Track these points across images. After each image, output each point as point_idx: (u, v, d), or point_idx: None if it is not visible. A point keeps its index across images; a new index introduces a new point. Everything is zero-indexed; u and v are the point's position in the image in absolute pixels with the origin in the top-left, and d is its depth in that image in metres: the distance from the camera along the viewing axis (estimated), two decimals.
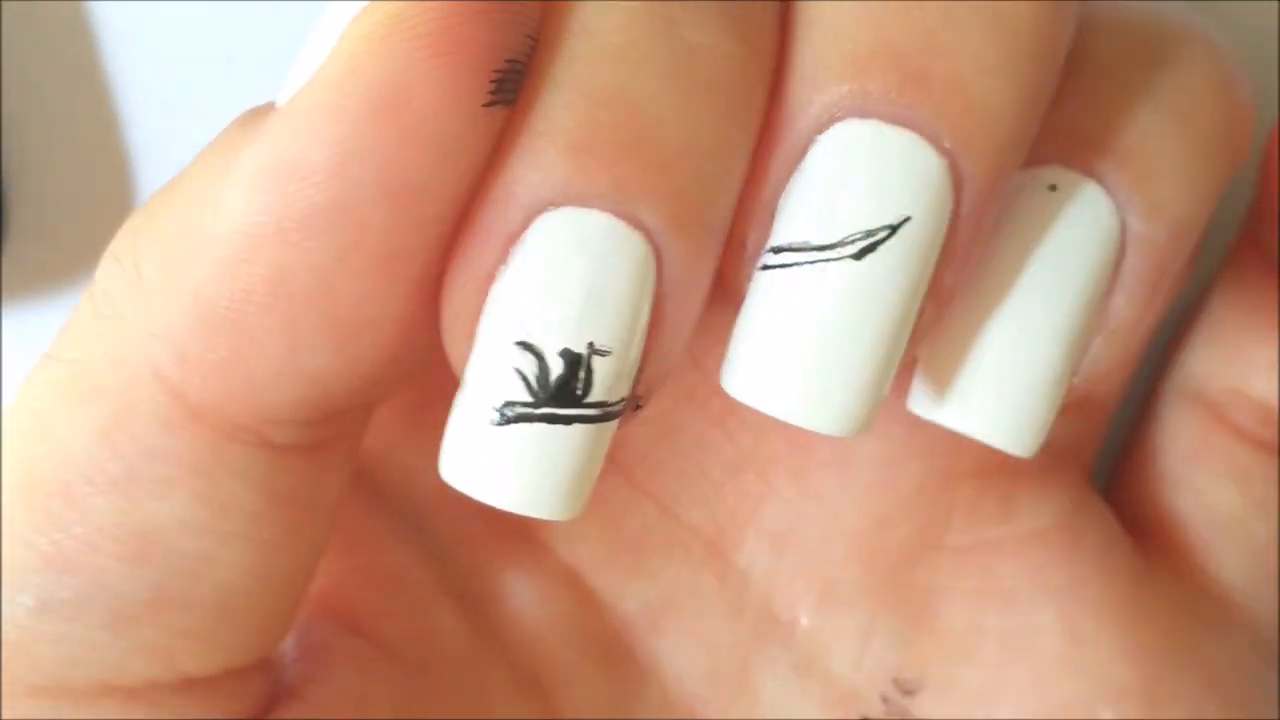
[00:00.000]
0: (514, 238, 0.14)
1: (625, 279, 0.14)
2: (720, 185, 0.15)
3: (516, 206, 0.14)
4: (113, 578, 0.16)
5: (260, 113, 0.15)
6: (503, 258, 0.14)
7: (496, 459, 0.15)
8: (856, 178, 0.14)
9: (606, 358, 0.14)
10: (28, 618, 0.15)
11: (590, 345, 0.14)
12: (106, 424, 0.15)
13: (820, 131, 0.15)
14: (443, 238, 0.15)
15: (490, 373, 0.15)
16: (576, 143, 0.14)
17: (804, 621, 0.20)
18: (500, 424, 0.15)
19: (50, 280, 0.27)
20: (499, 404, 0.14)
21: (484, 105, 0.14)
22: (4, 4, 0.26)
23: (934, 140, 0.14)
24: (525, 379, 0.14)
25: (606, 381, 0.15)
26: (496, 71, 0.14)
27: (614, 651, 0.20)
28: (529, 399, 0.14)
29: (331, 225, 0.14)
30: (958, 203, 0.15)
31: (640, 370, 0.15)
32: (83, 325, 0.16)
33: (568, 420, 0.15)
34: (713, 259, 0.15)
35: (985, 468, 0.20)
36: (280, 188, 0.14)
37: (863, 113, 0.14)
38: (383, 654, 0.19)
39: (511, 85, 0.14)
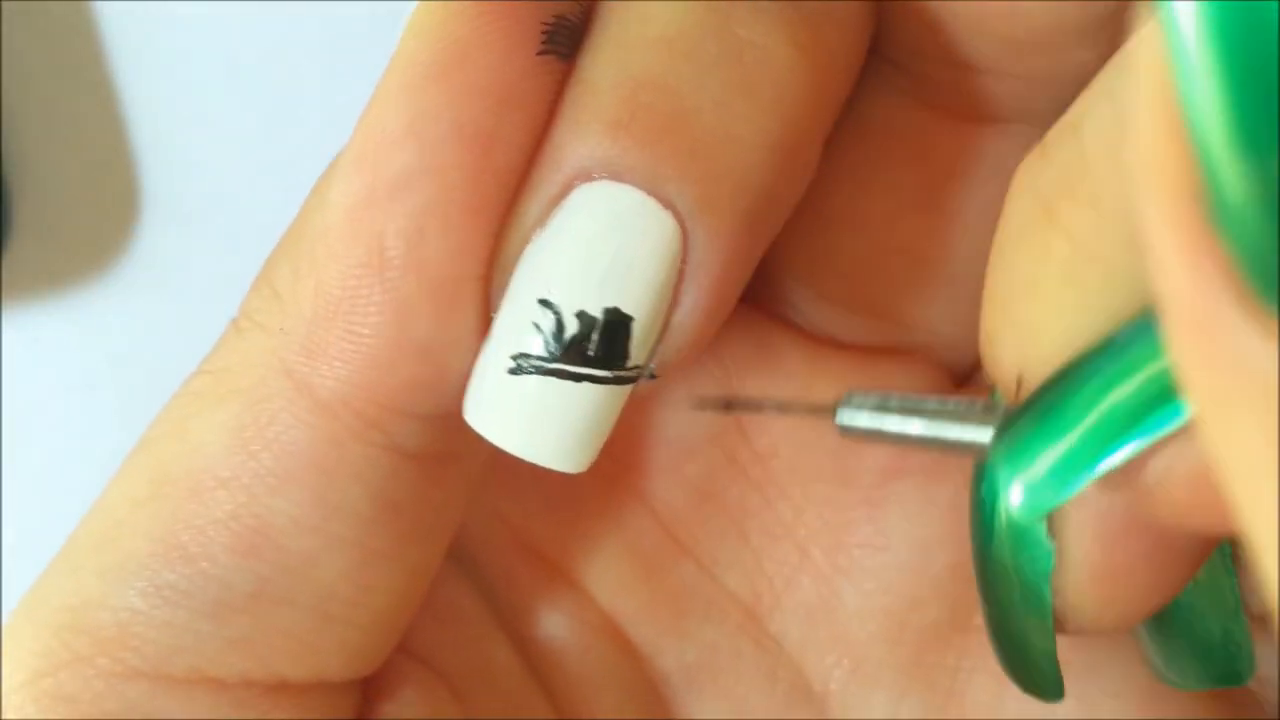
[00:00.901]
0: (554, 201, 0.15)
1: (649, 252, 0.15)
2: (754, 176, 0.15)
3: (558, 172, 0.15)
4: (221, 568, 0.16)
5: None
6: (542, 220, 0.15)
7: (509, 406, 0.16)
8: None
9: (621, 324, 0.15)
10: (140, 601, 0.16)
11: (606, 310, 0.15)
12: (238, 420, 0.16)
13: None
14: (518, 191, 0.15)
15: (512, 324, 0.15)
16: (616, 119, 0.15)
17: (835, 694, 0.21)
18: (515, 373, 0.15)
19: (52, 280, 0.27)
20: (515, 354, 0.15)
21: (537, 54, 0.15)
22: (6, 5, 0.26)
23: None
24: (542, 333, 0.15)
25: (619, 346, 0.15)
26: (545, 25, 0.15)
27: (652, 705, 0.21)
28: (543, 353, 0.15)
29: (415, 182, 0.15)
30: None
31: (657, 342, 0.16)
32: (224, 342, 0.17)
33: (577, 378, 0.15)
34: (743, 245, 0.16)
35: None
36: (368, 162, 0.15)
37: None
38: (444, 683, 0.19)
39: (563, 39, 0.15)
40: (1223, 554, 0.17)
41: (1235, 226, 0.08)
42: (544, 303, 0.15)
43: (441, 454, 0.17)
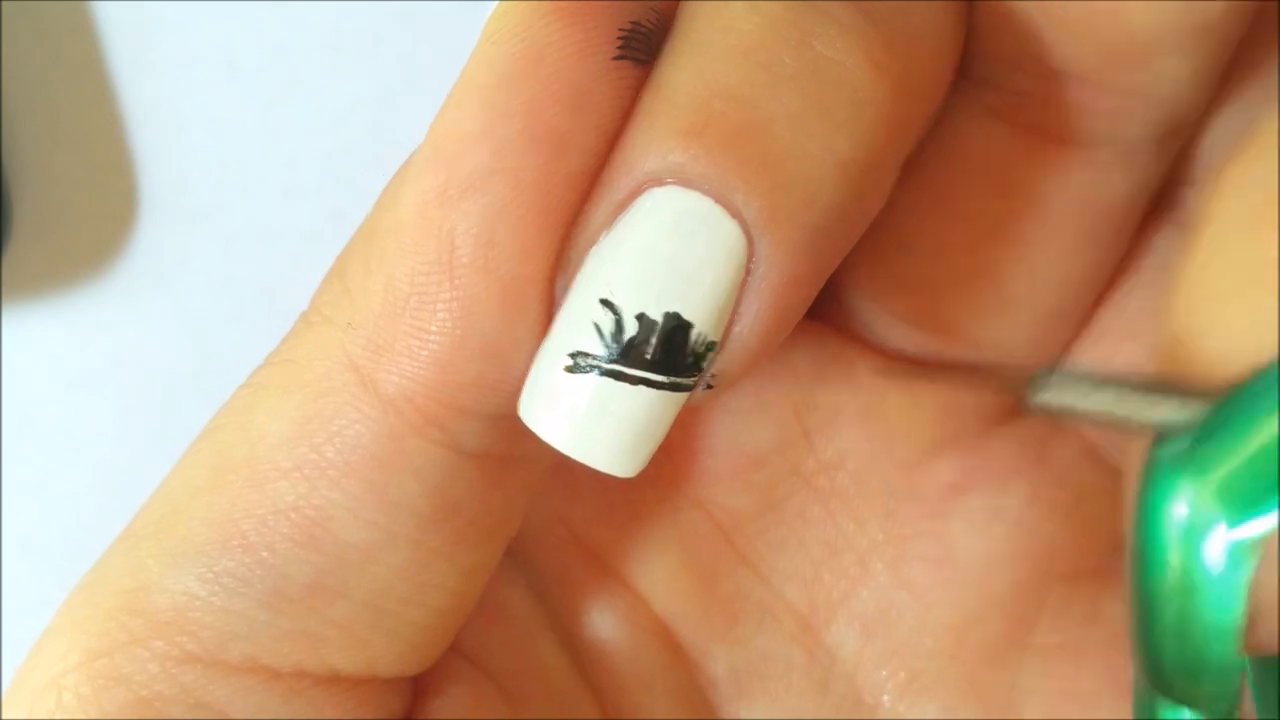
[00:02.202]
0: (622, 205, 0.15)
1: (713, 260, 0.15)
2: (822, 192, 0.15)
3: (628, 176, 0.15)
4: (279, 558, 0.16)
5: None
6: (608, 223, 0.16)
7: (562, 403, 0.16)
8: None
9: (681, 329, 0.15)
10: (198, 587, 0.16)
11: (666, 315, 0.15)
12: (302, 412, 0.16)
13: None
14: (589, 194, 0.16)
15: (572, 322, 0.16)
16: (688, 126, 0.15)
17: (887, 707, 0.21)
18: (572, 370, 0.16)
19: (52, 281, 0.27)
20: (572, 351, 0.16)
21: (612, 59, 0.15)
22: (6, 5, 0.26)
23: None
24: (600, 333, 0.15)
25: (677, 352, 0.15)
26: (621, 30, 0.15)
27: (700, 710, 0.21)
28: (601, 353, 0.15)
29: (487, 183, 0.15)
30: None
31: (716, 353, 0.16)
32: (293, 334, 0.17)
33: (633, 380, 0.15)
34: (808, 260, 0.16)
35: (1079, 570, 0.20)
36: (442, 161, 0.15)
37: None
38: (491, 681, 0.19)
39: (639, 45, 0.16)
40: None
41: None
42: (605, 303, 0.15)
43: (502, 456, 0.17)
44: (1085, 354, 0.20)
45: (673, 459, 0.20)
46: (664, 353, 0.15)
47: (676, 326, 0.15)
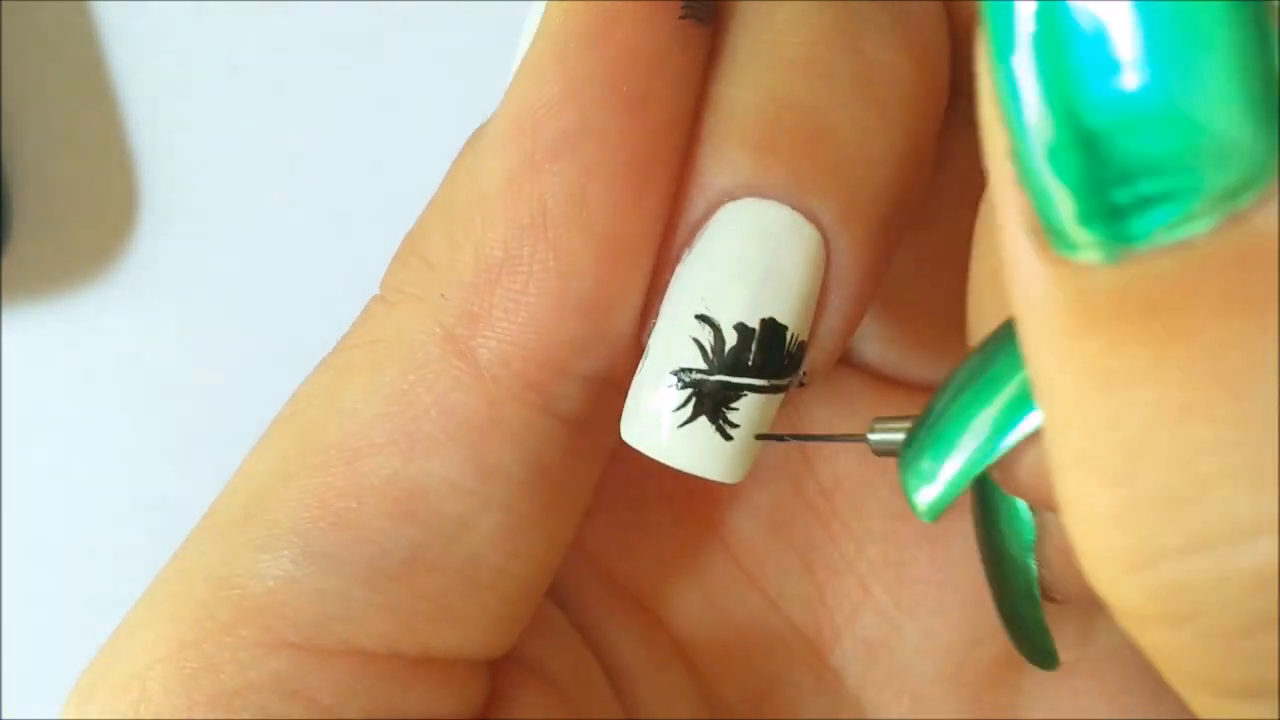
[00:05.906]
0: (699, 224, 0.16)
1: (798, 264, 0.16)
2: (887, 187, 0.16)
3: (702, 195, 0.16)
4: (377, 534, 0.16)
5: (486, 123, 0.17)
6: (688, 241, 0.16)
7: (669, 420, 0.16)
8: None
9: (777, 333, 0.16)
10: (293, 568, 0.16)
11: (763, 321, 0.16)
12: (395, 387, 0.17)
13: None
14: (675, 151, 0.16)
15: (670, 341, 0.16)
16: (760, 141, 0.16)
17: None
18: (676, 388, 0.16)
19: (52, 280, 0.27)
20: (675, 369, 0.16)
21: (679, 19, 0.16)
22: (6, 5, 0.26)
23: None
24: (702, 348, 0.16)
25: (776, 355, 0.16)
26: None
27: None
28: (704, 367, 0.16)
29: (575, 144, 0.16)
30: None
31: (805, 350, 0.16)
32: (371, 319, 0.17)
33: (739, 389, 0.16)
34: (879, 253, 0.16)
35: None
36: (525, 128, 0.16)
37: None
38: (556, 690, 0.20)
39: (700, 7, 0.16)
40: None
41: (1030, 185, 0.11)
42: (702, 318, 0.16)
43: (587, 421, 0.17)
44: None
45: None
46: (764, 358, 0.16)
47: (773, 331, 0.16)
